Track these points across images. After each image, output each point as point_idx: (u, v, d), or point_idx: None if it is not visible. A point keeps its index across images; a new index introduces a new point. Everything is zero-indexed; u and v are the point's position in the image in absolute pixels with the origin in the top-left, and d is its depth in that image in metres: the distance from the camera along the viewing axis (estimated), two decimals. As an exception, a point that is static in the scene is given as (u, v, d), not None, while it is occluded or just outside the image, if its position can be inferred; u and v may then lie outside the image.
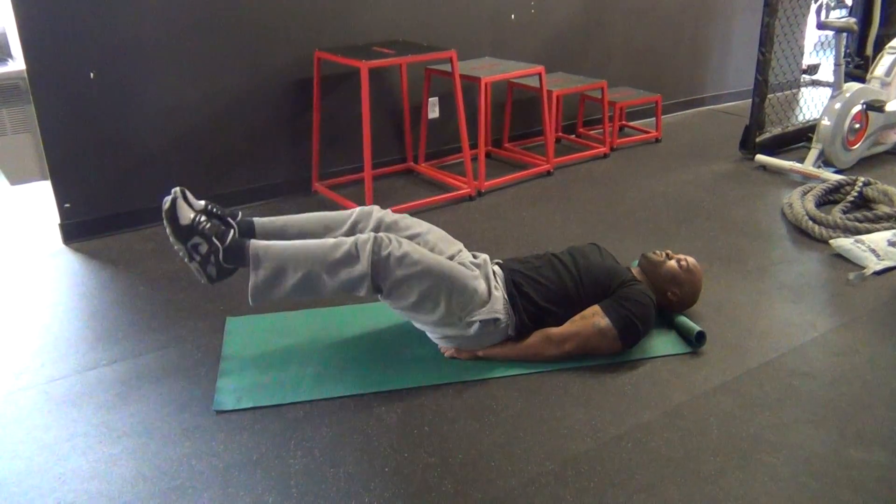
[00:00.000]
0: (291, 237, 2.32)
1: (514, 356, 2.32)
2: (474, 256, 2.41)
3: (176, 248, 2.15)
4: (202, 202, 2.22)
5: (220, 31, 3.42)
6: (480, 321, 2.25)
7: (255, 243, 2.17)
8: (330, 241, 2.20)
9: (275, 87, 3.64)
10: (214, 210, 2.23)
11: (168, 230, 2.13)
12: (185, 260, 2.16)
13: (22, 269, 3.07)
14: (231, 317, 2.62)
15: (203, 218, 2.16)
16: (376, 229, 2.34)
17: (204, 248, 2.14)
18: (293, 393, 2.19)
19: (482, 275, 2.31)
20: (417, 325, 2.38)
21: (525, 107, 4.57)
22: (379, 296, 2.23)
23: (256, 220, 2.35)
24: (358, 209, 2.40)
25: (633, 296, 2.33)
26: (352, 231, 2.35)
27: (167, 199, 2.13)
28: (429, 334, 2.40)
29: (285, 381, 2.25)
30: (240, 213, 2.32)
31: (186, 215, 2.13)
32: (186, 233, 2.12)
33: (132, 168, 3.38)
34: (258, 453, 1.95)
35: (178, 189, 2.16)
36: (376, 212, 2.39)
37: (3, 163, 3.24)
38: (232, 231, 2.19)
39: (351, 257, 2.15)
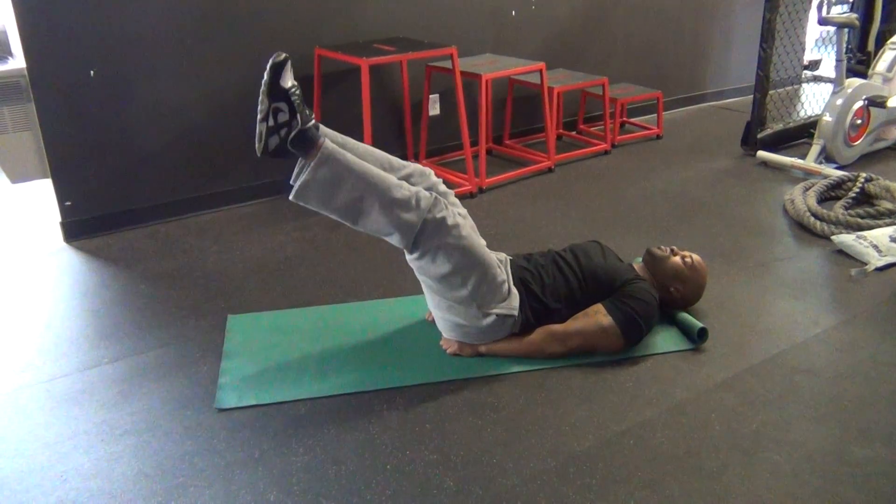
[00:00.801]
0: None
1: (517, 353, 2.32)
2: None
3: (260, 100, 2.05)
4: (296, 82, 2.13)
5: (220, 28, 3.42)
6: (497, 315, 2.26)
7: (329, 144, 2.11)
8: (394, 178, 2.17)
9: (275, 85, 3.63)
10: (302, 95, 2.14)
11: (266, 80, 2.03)
12: (259, 117, 2.07)
13: (23, 267, 3.07)
14: (232, 314, 2.61)
15: (299, 92, 2.09)
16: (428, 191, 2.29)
17: (283, 118, 2.06)
18: (295, 390, 2.19)
19: (505, 272, 2.32)
20: (431, 302, 2.35)
21: (526, 103, 4.56)
22: (411, 255, 2.22)
23: (322, 127, 2.27)
24: (415, 164, 2.35)
25: (637, 294, 2.33)
26: (405, 181, 2.28)
27: (281, 54, 2.05)
28: (436, 313, 2.36)
29: (287, 378, 2.25)
30: (314, 116, 2.21)
31: (288, 79, 2.06)
32: (280, 94, 2.05)
33: (133, 166, 3.38)
34: (260, 451, 1.95)
35: (286, 55, 2.07)
36: (432, 176, 2.35)
37: (4, 161, 3.24)
38: (312, 120, 2.12)
39: (409, 204, 2.13)
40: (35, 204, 3.70)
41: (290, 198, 2.15)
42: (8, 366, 2.36)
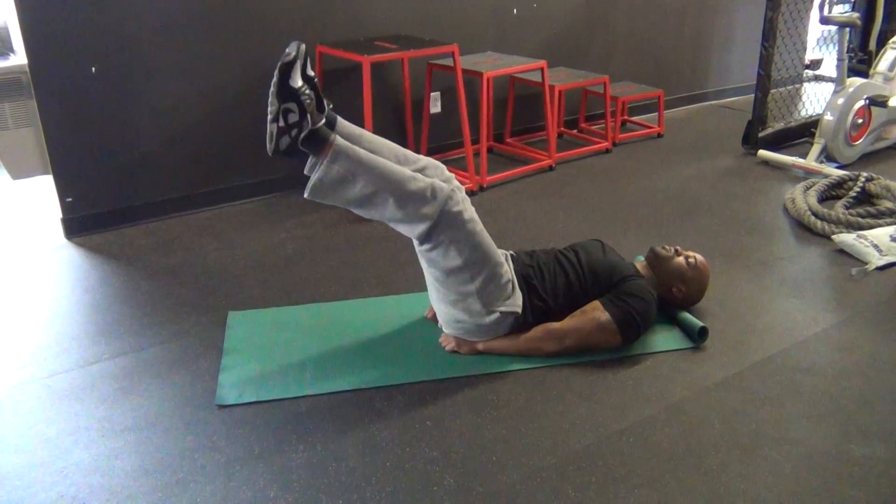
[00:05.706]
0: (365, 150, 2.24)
1: (515, 350, 2.32)
2: None
3: (270, 101, 2.06)
4: (312, 72, 2.14)
5: (221, 25, 3.42)
6: (501, 312, 2.26)
7: (340, 141, 2.12)
8: (408, 171, 2.18)
9: (276, 82, 3.63)
10: (317, 86, 2.15)
11: (275, 81, 2.04)
12: (269, 118, 2.07)
13: (24, 263, 3.07)
14: (233, 311, 2.62)
15: (309, 91, 2.08)
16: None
17: (293, 119, 2.06)
18: (295, 387, 2.19)
19: (510, 269, 2.34)
20: (435, 295, 2.34)
21: (527, 102, 4.56)
22: (422, 246, 2.22)
23: (340, 119, 2.28)
24: (428, 158, 2.34)
25: (633, 290, 2.33)
26: (419, 173, 2.28)
27: (291, 51, 2.05)
28: (439, 307, 2.35)
29: (287, 375, 2.25)
30: (331, 104, 2.23)
31: (297, 78, 2.06)
32: (289, 95, 2.05)
33: (134, 163, 3.38)
34: (260, 447, 1.95)
35: (303, 46, 2.08)
36: (446, 171, 2.34)
37: (5, 157, 3.24)
38: (323, 118, 2.14)
39: (424, 197, 2.14)
40: (36, 200, 3.70)
41: (305, 195, 2.14)
42: (9, 361, 2.36)
